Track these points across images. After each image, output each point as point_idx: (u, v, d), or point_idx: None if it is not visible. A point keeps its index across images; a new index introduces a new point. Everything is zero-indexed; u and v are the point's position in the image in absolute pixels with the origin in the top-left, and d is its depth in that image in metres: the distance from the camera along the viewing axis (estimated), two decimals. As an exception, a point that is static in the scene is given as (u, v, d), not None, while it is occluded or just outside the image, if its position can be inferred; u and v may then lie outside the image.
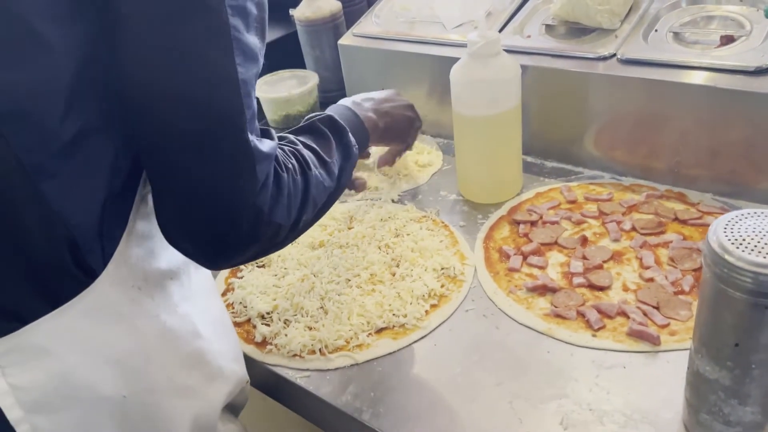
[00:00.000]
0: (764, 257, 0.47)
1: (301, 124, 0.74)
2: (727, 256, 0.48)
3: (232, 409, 0.71)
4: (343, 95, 1.32)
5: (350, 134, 0.76)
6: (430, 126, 1.20)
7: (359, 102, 0.89)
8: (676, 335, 0.70)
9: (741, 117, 0.86)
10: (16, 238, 0.50)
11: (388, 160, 1.03)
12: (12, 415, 0.51)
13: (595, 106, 0.98)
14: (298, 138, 0.70)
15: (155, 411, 0.58)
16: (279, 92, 1.28)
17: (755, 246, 0.47)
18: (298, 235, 0.66)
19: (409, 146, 1.03)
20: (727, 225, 0.50)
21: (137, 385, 0.57)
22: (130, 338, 0.56)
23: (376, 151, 1.07)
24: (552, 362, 0.70)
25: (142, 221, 0.58)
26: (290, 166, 0.62)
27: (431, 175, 1.09)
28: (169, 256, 0.61)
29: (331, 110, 0.82)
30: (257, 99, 0.60)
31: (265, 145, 0.56)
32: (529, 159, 1.06)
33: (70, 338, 0.53)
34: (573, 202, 0.94)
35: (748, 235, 0.48)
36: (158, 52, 0.49)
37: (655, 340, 0.69)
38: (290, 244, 0.92)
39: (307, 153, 0.67)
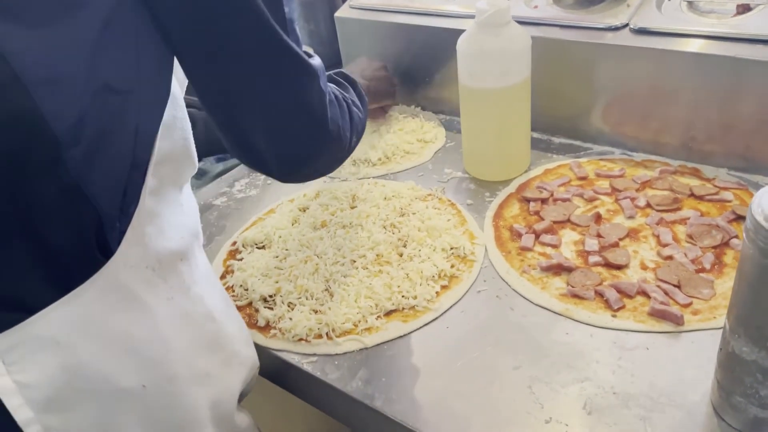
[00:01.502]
0: (815, 230, 0.44)
1: None
2: (774, 230, 0.45)
3: (239, 397, 0.67)
4: (340, 71, 1.28)
5: (359, 85, 0.81)
6: (431, 102, 1.16)
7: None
8: (699, 314, 0.67)
9: (758, 88, 0.83)
10: (27, 216, 0.45)
11: (379, 114, 1.15)
12: (21, 416, 0.47)
13: (606, 79, 0.95)
14: None
15: (176, 400, 0.55)
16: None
17: (805, 219, 0.44)
18: (348, 155, 0.73)
19: (395, 101, 1.16)
20: (772, 196, 0.47)
21: (157, 374, 0.53)
22: (147, 324, 0.52)
23: None
24: (571, 344, 0.67)
25: (151, 197, 0.53)
26: (336, 93, 0.69)
27: (434, 152, 1.05)
28: (178, 235, 0.57)
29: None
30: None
31: (316, 61, 0.61)
32: (536, 135, 1.03)
33: (82, 327, 0.48)
34: (584, 178, 0.91)
35: (796, 207, 0.45)
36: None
37: (678, 320, 0.66)
38: (291, 224, 0.90)
39: (338, 89, 0.72)
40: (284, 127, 0.59)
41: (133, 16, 0.48)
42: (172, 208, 0.56)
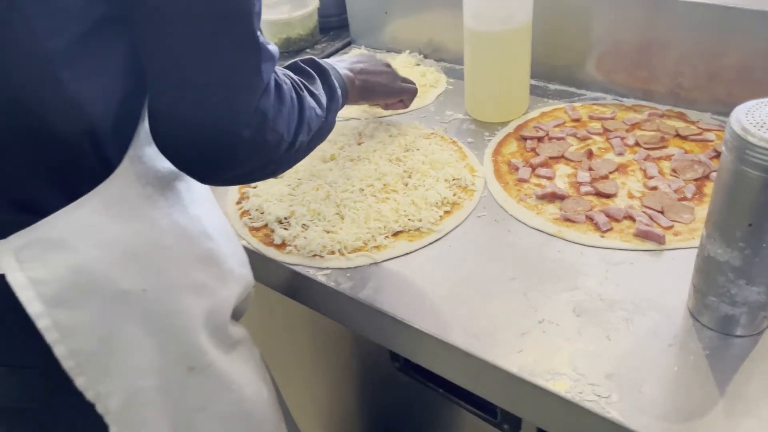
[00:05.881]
0: (783, 138, 0.50)
1: (284, 66, 0.71)
2: (749, 137, 0.51)
3: (235, 314, 0.71)
4: (344, 21, 1.32)
5: (333, 77, 0.75)
6: (434, 50, 1.21)
7: (333, 63, 0.84)
8: (680, 235, 0.74)
9: (742, 37, 0.89)
10: (36, 128, 0.50)
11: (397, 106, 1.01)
12: (32, 309, 0.52)
13: (601, 28, 1.00)
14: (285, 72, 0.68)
15: (174, 306, 0.59)
16: (279, 14, 1.27)
17: (775, 128, 0.51)
18: (294, 159, 0.65)
19: (404, 102, 1.00)
20: (748, 111, 0.53)
21: (157, 280, 0.57)
22: (148, 233, 0.57)
23: None
24: (563, 260, 0.74)
25: None
26: (288, 82, 0.62)
27: (436, 96, 1.10)
28: None
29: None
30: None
31: (271, 47, 0.56)
32: (533, 82, 1.08)
33: (88, 232, 0.53)
34: (577, 120, 0.97)
35: (768, 119, 0.52)
36: None
37: (660, 239, 0.73)
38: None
39: (297, 80, 0.66)
40: (198, 96, 0.52)
41: None
42: None
